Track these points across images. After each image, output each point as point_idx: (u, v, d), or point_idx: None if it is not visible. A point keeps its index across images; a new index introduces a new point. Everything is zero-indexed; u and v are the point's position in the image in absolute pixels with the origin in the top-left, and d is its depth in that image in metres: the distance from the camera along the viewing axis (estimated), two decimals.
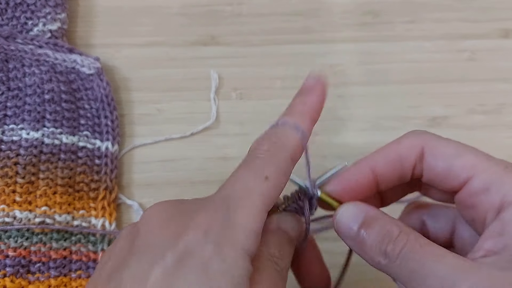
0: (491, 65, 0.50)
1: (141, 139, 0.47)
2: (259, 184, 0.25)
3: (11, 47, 0.45)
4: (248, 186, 0.25)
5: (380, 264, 0.27)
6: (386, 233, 0.27)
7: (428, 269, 0.25)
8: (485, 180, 0.27)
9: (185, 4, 0.51)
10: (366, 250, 0.27)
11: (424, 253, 0.25)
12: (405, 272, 0.26)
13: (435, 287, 0.24)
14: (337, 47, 0.50)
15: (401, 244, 0.26)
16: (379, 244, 0.27)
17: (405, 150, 0.28)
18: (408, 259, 0.26)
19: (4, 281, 0.38)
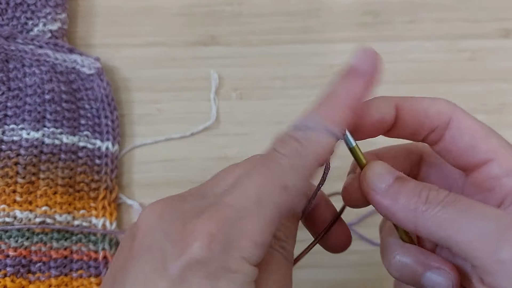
0: (491, 65, 0.50)
1: (141, 139, 0.47)
2: (276, 195, 0.23)
3: (11, 47, 0.45)
4: (262, 195, 0.23)
5: (415, 212, 0.25)
6: (425, 185, 0.26)
7: (475, 218, 0.24)
8: (507, 166, 0.27)
9: (185, 4, 0.51)
10: (400, 199, 0.26)
11: (471, 204, 0.25)
12: (445, 220, 0.25)
13: (477, 240, 0.24)
14: (337, 47, 0.50)
15: (444, 193, 0.25)
16: (419, 191, 0.26)
17: (434, 111, 0.28)
18: (453, 206, 0.25)
19: (5, 280, 0.38)
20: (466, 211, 0.25)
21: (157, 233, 0.23)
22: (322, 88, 0.27)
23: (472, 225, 0.24)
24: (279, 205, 0.23)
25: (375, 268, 0.43)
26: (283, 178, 0.23)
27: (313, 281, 0.43)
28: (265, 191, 0.23)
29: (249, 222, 0.22)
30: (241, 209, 0.23)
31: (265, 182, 0.23)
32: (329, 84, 0.26)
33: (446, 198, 0.25)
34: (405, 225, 0.26)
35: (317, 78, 0.49)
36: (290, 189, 0.23)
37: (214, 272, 0.21)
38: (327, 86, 0.26)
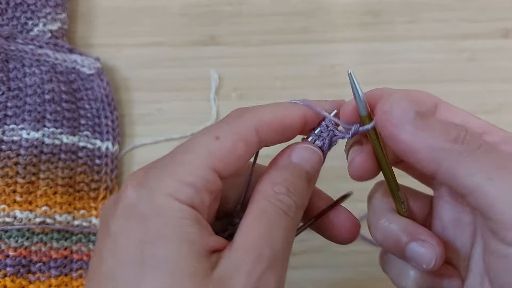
0: (491, 65, 0.50)
1: (141, 139, 0.47)
2: (206, 142, 0.24)
3: (11, 47, 0.45)
4: (193, 143, 0.24)
5: (440, 151, 0.24)
6: (453, 124, 0.25)
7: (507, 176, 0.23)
8: (501, 136, 0.27)
9: (185, 4, 0.51)
10: (424, 135, 0.24)
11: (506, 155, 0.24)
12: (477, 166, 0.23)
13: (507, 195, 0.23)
14: (337, 47, 0.50)
15: (480, 138, 0.24)
16: (447, 129, 0.24)
17: (422, 96, 0.28)
18: (489, 153, 0.24)
19: (5, 280, 0.38)
20: (496, 164, 0.24)
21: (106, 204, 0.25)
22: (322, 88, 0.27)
23: (505, 179, 0.23)
24: (209, 152, 0.23)
25: (375, 268, 0.43)
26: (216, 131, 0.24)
27: (313, 281, 0.43)
28: (196, 139, 0.24)
29: (177, 166, 0.23)
30: (174, 153, 0.24)
31: (201, 134, 0.24)
32: None
33: (483, 144, 0.24)
34: (426, 165, 0.25)
35: (317, 78, 0.49)
36: (220, 140, 0.24)
37: (144, 213, 0.22)
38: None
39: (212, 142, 0.24)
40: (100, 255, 0.23)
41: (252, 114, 0.25)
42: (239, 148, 0.24)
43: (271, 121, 0.25)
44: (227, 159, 0.24)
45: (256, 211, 0.24)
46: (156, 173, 0.23)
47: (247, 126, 0.25)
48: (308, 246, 0.44)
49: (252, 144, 0.25)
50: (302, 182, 0.26)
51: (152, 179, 0.23)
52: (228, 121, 0.25)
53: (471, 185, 0.24)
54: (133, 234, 0.22)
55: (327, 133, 0.27)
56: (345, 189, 0.32)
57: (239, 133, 0.24)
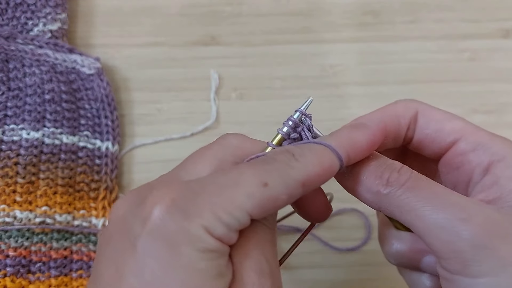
0: (491, 65, 0.50)
1: (141, 139, 0.47)
2: (253, 184, 0.23)
3: (11, 47, 0.45)
4: (241, 177, 0.23)
5: (378, 195, 0.26)
6: (388, 165, 0.26)
7: (434, 207, 0.24)
8: (473, 141, 0.28)
9: (185, 4, 0.51)
10: (364, 179, 0.26)
11: (431, 189, 0.25)
12: (405, 205, 0.25)
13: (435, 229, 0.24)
14: (337, 47, 0.50)
15: (406, 175, 0.26)
16: (381, 173, 0.26)
17: (401, 110, 0.29)
18: (413, 191, 0.25)
19: (5, 281, 0.38)
20: (426, 198, 0.25)
21: (125, 214, 0.24)
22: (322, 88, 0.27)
23: (431, 214, 0.25)
24: (252, 197, 0.22)
25: (375, 268, 0.43)
26: (265, 176, 0.23)
27: (313, 281, 0.43)
28: (243, 177, 0.23)
29: (215, 196, 0.22)
30: (209, 184, 0.23)
31: (249, 171, 0.23)
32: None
33: (407, 181, 0.25)
34: (370, 205, 0.27)
35: (317, 78, 0.49)
36: (269, 188, 0.23)
37: (175, 238, 0.22)
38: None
39: (258, 187, 0.23)
40: (120, 271, 0.22)
41: (302, 167, 0.24)
42: (281, 200, 0.23)
43: (318, 175, 0.24)
44: (266, 207, 0.23)
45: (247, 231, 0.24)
46: (195, 200, 0.22)
47: (296, 181, 0.24)
48: (308, 246, 0.44)
49: (295, 197, 0.24)
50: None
51: (189, 205, 0.22)
52: (279, 167, 0.24)
53: (406, 222, 0.25)
54: (163, 257, 0.22)
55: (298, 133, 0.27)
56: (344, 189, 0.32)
57: (287, 186, 0.23)
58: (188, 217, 0.22)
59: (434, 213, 0.24)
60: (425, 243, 0.25)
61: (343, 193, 0.31)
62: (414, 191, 0.25)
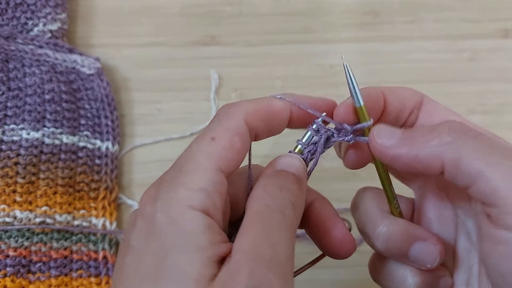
0: (491, 65, 0.50)
1: (141, 139, 0.47)
2: (204, 146, 0.25)
3: (11, 47, 0.45)
4: (192, 150, 0.25)
5: (439, 145, 0.25)
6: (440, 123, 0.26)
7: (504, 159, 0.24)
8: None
9: (185, 4, 0.51)
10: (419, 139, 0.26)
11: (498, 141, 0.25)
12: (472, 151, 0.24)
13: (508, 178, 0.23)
14: (337, 47, 0.50)
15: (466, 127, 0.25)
16: (436, 127, 0.26)
17: (408, 93, 0.30)
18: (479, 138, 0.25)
19: (5, 280, 0.38)
20: (496, 148, 0.24)
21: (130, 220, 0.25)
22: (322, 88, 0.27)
23: (503, 162, 0.24)
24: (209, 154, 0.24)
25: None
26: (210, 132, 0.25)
27: (313, 281, 0.43)
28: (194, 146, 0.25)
29: (185, 175, 0.24)
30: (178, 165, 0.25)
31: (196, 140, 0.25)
32: None
33: (470, 130, 0.25)
34: (431, 164, 0.25)
35: (317, 78, 0.49)
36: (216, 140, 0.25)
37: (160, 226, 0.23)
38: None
39: (209, 144, 0.25)
40: (123, 270, 0.23)
41: (238, 107, 0.26)
42: (236, 142, 0.25)
43: (256, 110, 0.26)
44: (228, 156, 0.25)
45: (251, 213, 0.24)
46: (168, 186, 0.24)
47: (236, 119, 0.25)
48: (307, 246, 0.44)
49: (245, 135, 0.25)
50: (291, 183, 0.26)
51: (165, 192, 0.24)
52: (218, 120, 0.26)
53: (473, 172, 0.24)
54: (152, 248, 0.23)
55: (319, 137, 0.28)
56: (343, 189, 0.32)
57: (231, 128, 0.25)
58: (166, 201, 0.23)
59: (508, 160, 0.24)
60: (489, 196, 0.24)
61: (341, 193, 0.31)
62: (480, 137, 0.25)
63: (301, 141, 0.28)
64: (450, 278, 0.29)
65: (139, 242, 0.23)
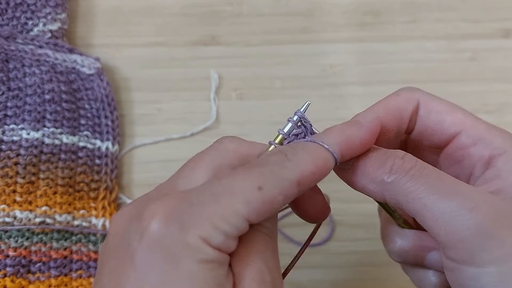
0: (492, 65, 0.50)
1: (141, 139, 0.47)
2: (247, 189, 0.22)
3: (11, 47, 0.45)
4: (234, 184, 0.23)
5: (382, 184, 0.25)
6: (390, 154, 0.26)
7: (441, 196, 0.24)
8: (474, 135, 0.28)
9: (185, 4, 0.51)
10: (366, 169, 0.26)
11: (437, 177, 0.25)
12: (411, 193, 0.25)
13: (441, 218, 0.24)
14: (337, 47, 0.50)
15: (411, 163, 0.25)
16: (384, 161, 0.26)
17: (403, 101, 0.29)
18: (419, 179, 0.25)
19: (5, 281, 0.38)
20: (433, 186, 0.25)
21: (123, 228, 0.23)
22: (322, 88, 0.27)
23: (438, 203, 0.24)
24: (248, 202, 0.22)
25: (374, 268, 0.43)
26: (260, 180, 0.23)
27: (313, 281, 0.43)
28: (238, 184, 0.22)
29: (210, 206, 0.22)
30: (204, 193, 0.22)
31: (243, 178, 0.23)
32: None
33: (412, 169, 0.25)
34: (375, 197, 0.26)
35: (317, 78, 0.49)
36: (264, 191, 0.22)
37: (173, 250, 0.21)
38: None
39: (253, 192, 0.22)
40: (120, 283, 0.22)
41: (295, 166, 0.24)
42: (277, 202, 0.23)
43: (312, 173, 0.24)
44: (263, 210, 0.23)
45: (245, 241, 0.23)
46: (191, 210, 0.22)
47: (290, 180, 0.23)
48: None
49: (291, 197, 0.24)
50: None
51: (185, 216, 0.22)
52: (272, 169, 0.23)
53: (412, 211, 0.25)
54: (162, 270, 0.21)
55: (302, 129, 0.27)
56: (344, 189, 0.32)
57: (281, 187, 0.23)
58: (185, 228, 0.22)
59: (441, 202, 0.24)
60: (431, 233, 0.25)
61: (341, 193, 0.31)
62: (419, 178, 0.25)
63: (283, 130, 0.27)
64: None
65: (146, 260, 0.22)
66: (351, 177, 0.27)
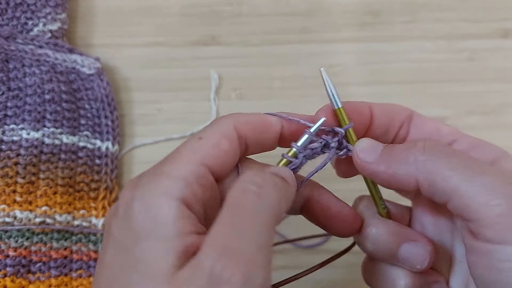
0: (490, 65, 0.50)
1: (141, 139, 0.47)
2: (191, 143, 0.25)
3: (11, 47, 0.45)
4: (179, 147, 0.26)
5: (415, 163, 0.26)
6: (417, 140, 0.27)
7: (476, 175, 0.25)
8: (471, 142, 0.29)
9: (185, 4, 0.51)
10: (395, 155, 0.26)
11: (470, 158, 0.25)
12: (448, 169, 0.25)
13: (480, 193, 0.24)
14: (337, 47, 0.50)
15: (440, 144, 0.26)
16: (414, 144, 0.26)
17: (397, 107, 0.30)
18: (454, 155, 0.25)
19: (5, 281, 0.38)
20: (467, 163, 0.25)
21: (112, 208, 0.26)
22: (322, 88, 0.27)
23: (476, 178, 0.24)
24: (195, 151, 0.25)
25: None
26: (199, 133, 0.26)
27: (313, 281, 0.43)
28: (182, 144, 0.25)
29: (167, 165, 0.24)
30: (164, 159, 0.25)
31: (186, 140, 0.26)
32: None
33: (444, 148, 0.26)
34: (406, 182, 0.26)
35: (316, 78, 0.49)
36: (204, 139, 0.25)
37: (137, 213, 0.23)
38: None
39: (195, 142, 0.25)
40: (104, 261, 0.23)
41: (230, 116, 0.27)
42: (223, 144, 0.25)
43: (247, 120, 0.27)
44: (214, 154, 0.25)
45: (227, 201, 0.23)
46: (149, 175, 0.24)
47: (226, 124, 0.26)
48: (307, 246, 0.44)
49: (233, 139, 0.26)
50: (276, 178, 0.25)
51: (145, 180, 0.24)
52: (209, 125, 0.27)
53: (448, 189, 0.25)
54: (127, 237, 0.23)
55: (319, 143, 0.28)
56: (343, 189, 0.32)
57: (220, 131, 0.26)
58: (145, 189, 0.23)
59: (478, 176, 0.24)
60: (467, 211, 0.25)
61: (340, 193, 0.31)
62: (453, 156, 0.25)
63: (296, 144, 0.27)
64: (444, 284, 0.30)
65: (118, 231, 0.23)
66: (378, 167, 0.27)
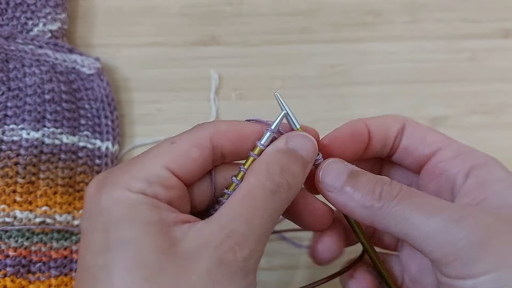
0: (491, 65, 0.50)
1: (141, 139, 0.47)
2: (162, 146, 0.26)
3: (11, 47, 0.45)
4: (151, 148, 0.26)
5: (371, 209, 0.26)
6: (378, 180, 0.27)
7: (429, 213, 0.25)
8: (456, 149, 0.29)
9: (185, 4, 0.51)
10: (355, 197, 0.27)
11: (423, 197, 0.26)
12: (399, 216, 0.26)
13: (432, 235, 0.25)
14: (337, 47, 0.50)
15: (397, 188, 0.27)
16: (373, 188, 0.27)
17: (391, 120, 0.31)
18: (406, 201, 0.26)
19: (5, 281, 0.38)
20: (419, 206, 0.26)
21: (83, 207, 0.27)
22: (322, 88, 0.28)
23: (426, 220, 0.25)
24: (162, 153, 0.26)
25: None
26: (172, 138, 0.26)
27: (313, 281, 0.43)
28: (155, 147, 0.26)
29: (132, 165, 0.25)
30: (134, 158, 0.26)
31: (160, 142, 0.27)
32: None
33: (399, 193, 0.26)
34: (362, 221, 0.27)
35: (317, 78, 0.49)
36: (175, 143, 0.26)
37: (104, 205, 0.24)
38: None
39: (167, 146, 0.26)
40: (80, 253, 0.25)
41: (210, 125, 0.27)
42: (193, 152, 0.26)
43: (226, 130, 0.27)
44: (181, 161, 0.26)
45: (244, 189, 0.25)
46: (114, 173, 0.26)
47: (203, 133, 0.26)
48: (306, 246, 0.44)
49: (206, 149, 0.26)
50: (297, 166, 0.26)
51: (110, 177, 0.25)
52: (188, 130, 0.27)
53: (401, 233, 0.26)
54: (98, 225, 0.24)
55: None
56: None
57: (193, 139, 0.26)
58: (110, 185, 0.25)
59: (428, 219, 0.25)
60: (423, 253, 0.26)
61: None
62: (407, 201, 0.26)
63: (260, 142, 0.28)
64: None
65: (88, 223, 0.25)
66: (342, 201, 0.27)
